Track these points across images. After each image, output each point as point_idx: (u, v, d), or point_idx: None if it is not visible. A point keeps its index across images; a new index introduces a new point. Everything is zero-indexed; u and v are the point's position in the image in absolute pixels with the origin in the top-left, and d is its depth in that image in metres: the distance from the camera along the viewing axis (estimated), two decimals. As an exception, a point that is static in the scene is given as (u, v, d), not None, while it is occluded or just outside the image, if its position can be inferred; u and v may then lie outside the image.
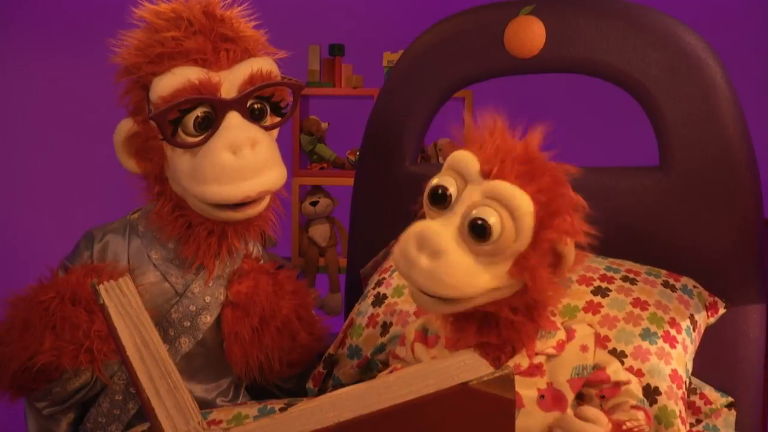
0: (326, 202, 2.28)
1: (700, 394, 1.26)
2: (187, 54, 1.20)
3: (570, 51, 1.46)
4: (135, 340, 0.71)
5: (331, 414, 0.63)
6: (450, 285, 0.94)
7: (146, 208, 1.35)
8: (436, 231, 0.95)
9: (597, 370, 1.06)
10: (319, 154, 2.30)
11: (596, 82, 1.50)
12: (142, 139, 1.25)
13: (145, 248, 1.32)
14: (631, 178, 1.44)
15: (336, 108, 2.39)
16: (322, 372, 1.39)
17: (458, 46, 1.55)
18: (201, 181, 1.19)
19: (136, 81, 1.23)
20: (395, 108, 1.62)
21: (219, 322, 1.33)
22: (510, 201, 0.93)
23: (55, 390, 1.24)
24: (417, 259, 0.95)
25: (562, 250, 0.97)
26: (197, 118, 1.19)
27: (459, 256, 0.94)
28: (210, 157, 1.19)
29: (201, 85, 1.19)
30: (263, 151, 1.21)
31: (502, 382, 0.66)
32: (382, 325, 1.33)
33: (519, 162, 0.96)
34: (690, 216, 1.40)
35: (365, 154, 1.67)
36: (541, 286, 0.97)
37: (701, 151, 1.39)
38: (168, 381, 0.67)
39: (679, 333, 1.21)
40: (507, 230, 0.93)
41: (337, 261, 2.29)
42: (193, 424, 0.64)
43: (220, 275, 1.33)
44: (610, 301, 1.23)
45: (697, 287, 1.32)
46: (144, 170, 1.28)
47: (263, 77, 1.24)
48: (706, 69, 1.38)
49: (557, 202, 0.96)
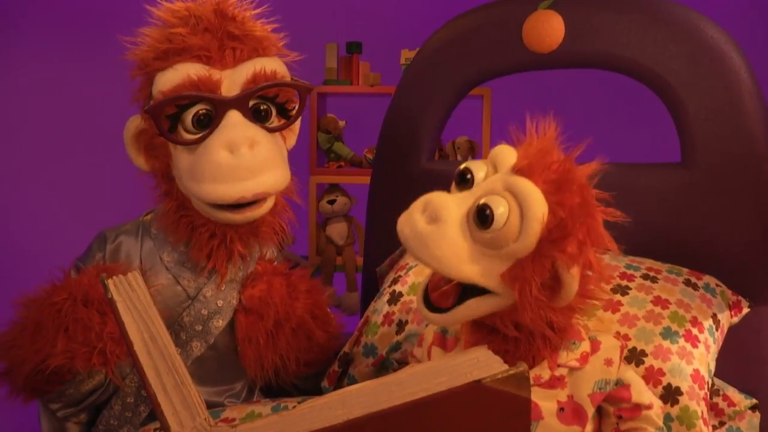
0: (344, 200, 2.27)
1: (723, 395, 1.23)
2: (190, 50, 1.19)
3: (589, 45, 1.44)
4: (143, 335, 0.70)
5: (341, 411, 0.62)
6: (434, 256, 0.90)
7: (158, 210, 1.34)
8: (444, 201, 0.92)
9: (620, 387, 1.01)
10: (336, 152, 2.30)
11: (616, 77, 1.47)
12: (149, 135, 1.25)
13: (158, 250, 1.31)
14: (651, 175, 1.42)
15: (353, 106, 2.38)
16: (337, 371, 1.37)
17: (476, 42, 1.53)
18: (199, 179, 1.18)
19: (146, 77, 1.23)
20: (412, 104, 1.60)
21: (232, 326, 1.32)
22: (525, 198, 0.89)
23: (69, 392, 1.23)
24: (417, 219, 0.92)
25: (563, 276, 0.91)
26: (196, 115, 1.18)
27: (455, 233, 0.91)
28: (207, 155, 1.17)
29: (200, 81, 1.17)
30: (262, 152, 1.18)
31: (516, 380, 0.64)
32: (397, 323, 1.32)
33: (552, 170, 0.91)
34: (712, 213, 1.37)
35: (382, 151, 1.65)
36: (527, 303, 0.91)
37: (724, 147, 1.36)
38: (175, 376, 0.66)
39: (702, 332, 1.18)
40: (511, 226, 0.89)
41: (354, 260, 2.28)
42: (200, 420, 0.62)
43: (233, 279, 1.32)
44: (630, 300, 1.20)
45: (720, 286, 1.30)
46: (152, 168, 1.27)
47: (267, 77, 1.22)
48: (728, 62, 1.35)
49: (576, 224, 0.90)
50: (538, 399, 0.98)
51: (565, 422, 0.98)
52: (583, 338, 1.02)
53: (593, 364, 1.01)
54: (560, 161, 0.92)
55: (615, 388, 1.01)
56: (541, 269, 0.90)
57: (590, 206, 0.93)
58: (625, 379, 1.02)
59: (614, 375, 1.01)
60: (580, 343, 1.02)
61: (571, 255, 0.89)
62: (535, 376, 1.00)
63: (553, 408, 0.98)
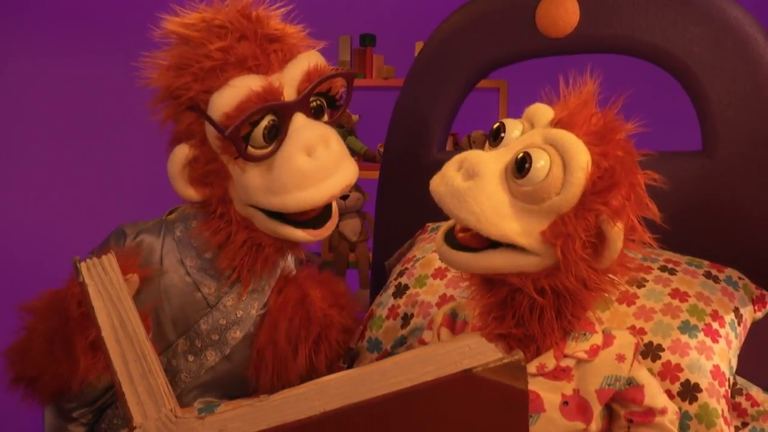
0: (357, 196, 2.24)
1: (747, 395, 1.16)
2: (240, 63, 1.12)
3: (606, 29, 1.38)
4: (112, 321, 0.65)
5: (318, 402, 0.56)
6: (473, 211, 0.85)
7: (185, 212, 1.28)
8: (480, 156, 0.87)
9: (633, 387, 0.94)
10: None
11: (634, 61, 1.42)
12: (202, 163, 1.16)
13: (180, 253, 1.25)
14: (671, 164, 1.34)
15: (367, 100, 2.35)
16: (343, 367, 1.32)
17: (487, 27, 1.48)
18: (281, 191, 1.11)
19: (181, 103, 1.15)
20: (422, 94, 1.55)
21: (249, 339, 1.26)
22: (567, 149, 0.84)
23: (86, 390, 1.19)
24: (453, 177, 0.87)
25: (608, 231, 0.85)
26: (266, 128, 1.11)
27: (494, 187, 0.85)
28: (286, 164, 1.10)
29: (265, 92, 1.10)
30: (336, 147, 1.14)
31: (511, 369, 0.58)
32: (402, 316, 1.27)
33: (593, 122, 0.87)
34: (734, 203, 1.31)
35: (392, 142, 1.60)
36: (571, 261, 0.85)
37: (747, 134, 1.29)
38: (143, 364, 0.61)
39: (723, 327, 1.12)
40: (553, 177, 0.84)
41: (368, 256, 2.25)
42: (165, 411, 0.57)
43: (255, 289, 1.26)
44: (647, 292, 1.14)
45: (743, 279, 1.23)
46: (204, 196, 1.19)
47: (319, 72, 1.16)
48: (753, 45, 1.29)
49: (620, 175, 0.85)
50: (541, 390, 0.92)
51: (569, 417, 0.91)
52: (595, 331, 0.96)
53: (603, 359, 0.94)
54: (601, 113, 0.88)
55: (626, 388, 0.94)
56: (586, 224, 0.85)
57: (633, 161, 0.89)
58: (638, 379, 0.94)
59: (626, 372, 0.94)
60: (592, 335, 0.95)
61: (615, 208, 0.85)
62: (540, 365, 0.93)
63: (557, 401, 0.92)
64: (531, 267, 0.88)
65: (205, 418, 0.57)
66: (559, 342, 0.94)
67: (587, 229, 0.85)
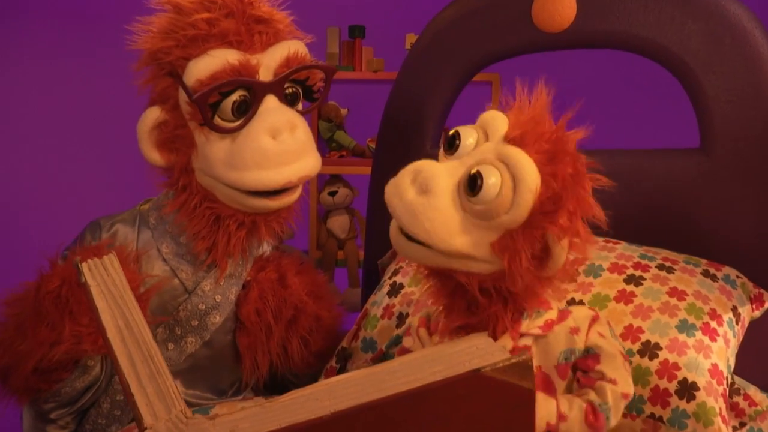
0: (345, 192, 2.26)
1: (744, 394, 1.20)
2: (222, 36, 1.19)
3: (603, 24, 1.40)
4: (117, 322, 0.67)
5: (328, 402, 0.59)
6: (424, 228, 0.90)
7: (158, 200, 1.33)
8: (435, 172, 0.92)
9: (590, 354, 0.97)
10: (338, 141, 2.28)
11: (631, 57, 1.44)
12: (170, 128, 1.23)
13: (156, 241, 1.30)
14: (668, 161, 1.39)
15: (356, 93, 2.37)
16: (335, 367, 1.34)
17: (482, 21, 1.50)
18: (240, 167, 1.18)
19: (162, 67, 1.22)
20: (415, 88, 1.57)
21: (228, 323, 1.31)
22: (519, 170, 0.89)
23: (64, 390, 1.22)
24: (406, 190, 0.92)
25: (553, 248, 0.91)
26: (235, 102, 1.18)
27: (446, 204, 0.90)
28: (250, 141, 1.17)
29: (241, 66, 1.17)
30: (302, 136, 1.21)
31: (519, 369, 0.61)
32: (398, 316, 1.29)
33: (545, 140, 0.91)
34: (733, 202, 1.34)
35: (384, 137, 1.62)
36: (516, 273, 0.91)
37: (746, 131, 1.32)
38: (150, 366, 0.63)
39: (721, 325, 1.15)
40: (504, 197, 0.89)
41: (357, 254, 2.27)
42: (175, 412, 0.60)
43: (233, 274, 1.31)
44: (644, 291, 1.17)
45: (741, 278, 1.27)
46: (169, 162, 1.25)
47: (299, 60, 1.24)
48: (751, 41, 1.32)
49: (568, 197, 0.90)
50: None
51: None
52: (551, 308, 1.00)
53: (558, 333, 0.98)
54: (553, 130, 0.92)
55: (583, 356, 0.98)
56: (532, 240, 0.90)
57: (581, 175, 0.93)
58: (596, 348, 0.97)
59: (581, 344, 0.97)
60: (546, 311, 0.99)
61: (562, 227, 0.90)
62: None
63: None
64: (482, 270, 0.93)
65: (216, 419, 0.59)
66: (514, 324, 0.98)
67: (533, 244, 0.91)
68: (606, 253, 1.27)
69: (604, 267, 1.23)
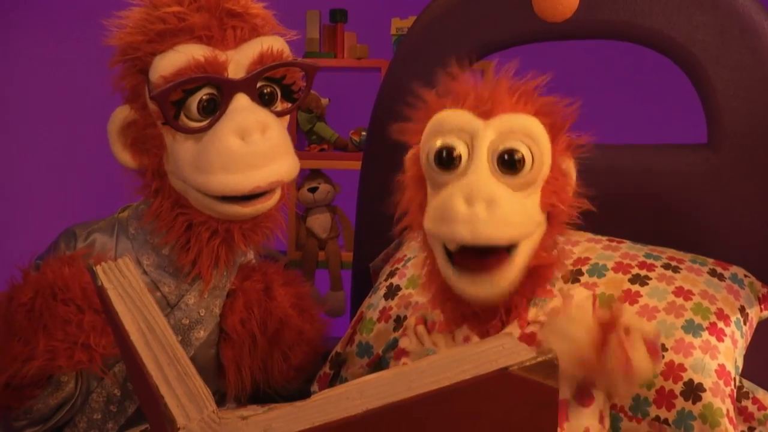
0: (327, 188, 2.26)
1: (753, 398, 1.25)
2: (191, 30, 1.20)
3: (607, 14, 1.46)
4: (139, 325, 0.72)
5: (359, 401, 0.65)
6: (515, 224, 1.01)
7: (138, 208, 1.35)
8: (480, 180, 1.01)
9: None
10: (318, 133, 2.29)
11: (636, 49, 1.51)
12: (140, 128, 1.25)
13: (136, 252, 1.32)
14: (675, 157, 1.45)
15: (338, 82, 2.37)
16: (328, 373, 1.40)
17: (480, 9, 1.55)
18: (206, 169, 1.19)
19: (133, 63, 1.24)
20: (410, 78, 1.61)
21: (212, 338, 1.34)
22: (528, 128, 1.02)
23: (37, 407, 1.23)
24: (473, 213, 0.99)
25: (567, 167, 1.07)
26: (201, 101, 1.20)
27: (510, 196, 1.01)
28: (216, 142, 1.19)
29: (207, 63, 1.19)
30: (274, 137, 1.21)
31: (544, 368, 0.68)
32: (395, 319, 1.35)
33: (509, 94, 1.04)
34: (741, 199, 1.41)
35: (374, 133, 1.66)
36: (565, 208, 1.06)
37: (754, 126, 1.39)
38: (177, 367, 0.69)
39: (728, 326, 1.22)
40: (536, 158, 1.02)
41: (339, 255, 2.28)
42: (207, 412, 0.66)
43: (217, 286, 1.34)
44: (650, 290, 1.24)
45: (749, 277, 1.33)
46: (140, 164, 1.27)
47: (274, 57, 1.25)
48: (760, 33, 1.39)
49: (557, 117, 1.05)
50: None
51: None
52: (554, 295, 1.12)
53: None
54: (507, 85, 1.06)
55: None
56: (560, 172, 1.07)
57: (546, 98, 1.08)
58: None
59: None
60: (551, 299, 1.11)
61: (567, 144, 1.07)
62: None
63: None
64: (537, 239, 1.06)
65: (249, 419, 0.66)
66: (523, 312, 1.08)
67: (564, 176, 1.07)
68: (610, 252, 1.33)
69: (609, 266, 1.30)
